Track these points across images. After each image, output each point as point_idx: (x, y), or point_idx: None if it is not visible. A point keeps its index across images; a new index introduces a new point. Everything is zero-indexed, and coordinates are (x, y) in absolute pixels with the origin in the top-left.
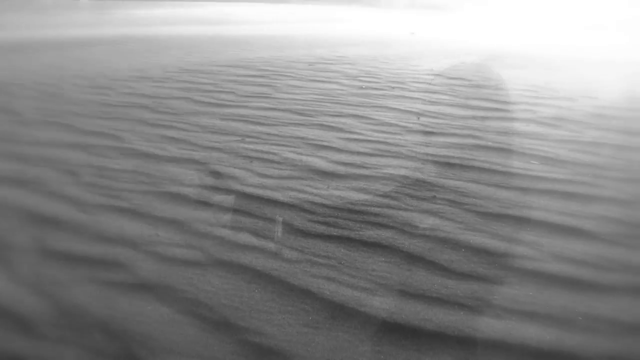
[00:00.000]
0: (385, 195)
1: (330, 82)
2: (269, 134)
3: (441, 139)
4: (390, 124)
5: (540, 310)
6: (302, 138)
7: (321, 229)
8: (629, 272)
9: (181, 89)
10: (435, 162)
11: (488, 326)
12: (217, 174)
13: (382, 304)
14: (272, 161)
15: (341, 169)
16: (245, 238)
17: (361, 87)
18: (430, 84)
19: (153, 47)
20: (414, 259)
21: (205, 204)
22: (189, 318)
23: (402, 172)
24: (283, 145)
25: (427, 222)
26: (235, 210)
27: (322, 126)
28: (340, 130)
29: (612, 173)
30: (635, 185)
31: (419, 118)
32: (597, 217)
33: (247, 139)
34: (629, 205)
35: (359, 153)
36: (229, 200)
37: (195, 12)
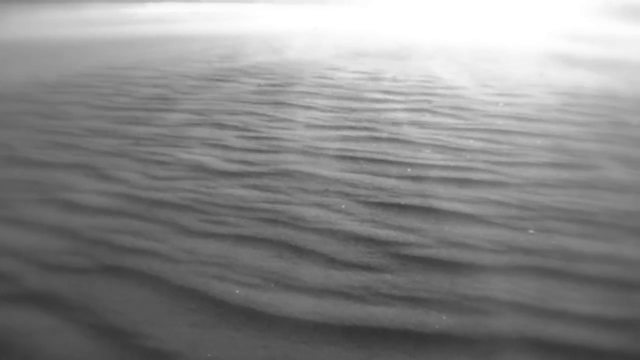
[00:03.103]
0: (276, 191)
1: (229, 81)
2: (163, 135)
3: (337, 133)
4: (286, 120)
5: (425, 295)
6: (197, 138)
7: (211, 228)
8: (511, 252)
9: (76, 93)
10: (329, 156)
11: (374, 315)
12: (108, 178)
13: (270, 300)
14: (165, 162)
15: (234, 167)
16: (134, 242)
17: (259, 85)
18: (330, 78)
19: (51, 50)
20: (302, 252)
21: (94, 210)
22: (74, 326)
23: (295, 167)
24: (177, 146)
25: (317, 215)
26: (125, 214)
27: (217, 125)
28: (236, 128)
29: (502, 158)
30: (523, 168)
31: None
32: (485, 202)
33: (141, 142)
34: (517, 189)
35: (252, 150)
36: (118, 204)
37: (95, 13)
